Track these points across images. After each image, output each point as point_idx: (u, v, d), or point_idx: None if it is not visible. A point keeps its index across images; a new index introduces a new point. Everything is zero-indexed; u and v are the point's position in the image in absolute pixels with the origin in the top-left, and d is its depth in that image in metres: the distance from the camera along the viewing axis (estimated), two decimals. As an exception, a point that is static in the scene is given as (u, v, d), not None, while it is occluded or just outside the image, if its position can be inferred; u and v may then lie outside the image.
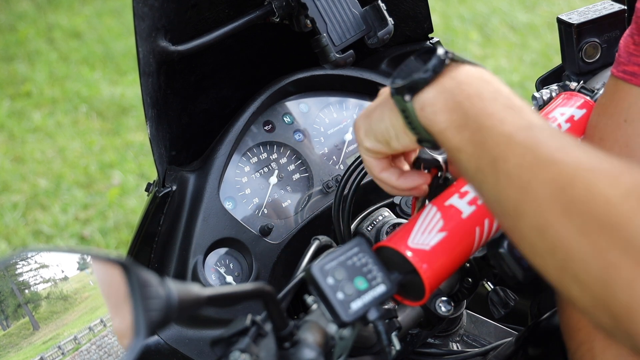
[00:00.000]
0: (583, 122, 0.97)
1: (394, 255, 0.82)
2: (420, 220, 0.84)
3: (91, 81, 3.97)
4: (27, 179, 3.26)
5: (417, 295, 0.82)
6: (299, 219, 1.27)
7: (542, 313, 1.03)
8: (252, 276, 1.20)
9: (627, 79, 0.85)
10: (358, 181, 1.12)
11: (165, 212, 1.20)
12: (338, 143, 1.34)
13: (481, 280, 0.96)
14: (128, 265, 0.62)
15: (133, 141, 3.48)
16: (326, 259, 0.77)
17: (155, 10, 1.06)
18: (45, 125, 3.63)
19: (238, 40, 1.22)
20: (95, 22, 4.60)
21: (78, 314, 0.81)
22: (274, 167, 1.29)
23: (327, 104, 1.36)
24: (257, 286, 0.72)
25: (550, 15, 4.32)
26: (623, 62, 0.86)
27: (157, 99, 1.14)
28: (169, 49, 1.09)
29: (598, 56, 1.17)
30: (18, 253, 1.08)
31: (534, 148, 0.66)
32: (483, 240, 0.86)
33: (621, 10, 1.18)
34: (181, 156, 1.26)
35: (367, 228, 1.17)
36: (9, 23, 4.58)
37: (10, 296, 0.82)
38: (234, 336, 0.74)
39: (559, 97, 1.02)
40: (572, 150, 0.65)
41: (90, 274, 0.81)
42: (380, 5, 1.15)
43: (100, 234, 2.93)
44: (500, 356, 1.05)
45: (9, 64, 4.17)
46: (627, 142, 0.84)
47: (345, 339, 0.78)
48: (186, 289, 0.64)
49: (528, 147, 0.66)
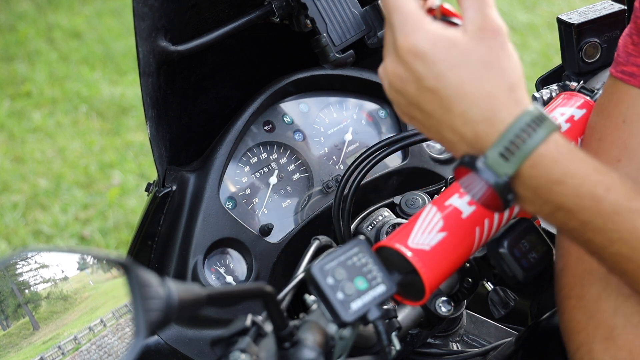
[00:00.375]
0: (583, 122, 0.96)
1: (394, 255, 0.82)
2: (420, 220, 0.84)
3: (91, 81, 3.97)
4: (27, 179, 3.26)
5: (417, 295, 0.82)
6: (299, 219, 1.27)
7: (542, 313, 1.03)
8: (252, 276, 1.20)
9: (626, 80, 0.85)
10: (358, 181, 1.12)
11: (165, 212, 1.20)
12: (338, 143, 1.34)
13: (481, 280, 0.96)
14: (128, 265, 0.62)
15: (133, 141, 3.48)
16: (326, 259, 0.77)
17: (155, 10, 1.06)
18: (45, 125, 3.63)
19: (238, 40, 1.22)
20: (95, 22, 4.60)
21: (78, 314, 0.81)
22: (274, 167, 1.29)
23: (327, 104, 1.36)
24: (257, 286, 0.72)
25: (550, 15, 4.32)
26: (622, 62, 0.86)
27: (157, 99, 1.14)
28: (169, 49, 1.09)
29: (598, 56, 1.17)
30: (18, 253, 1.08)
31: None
32: (483, 240, 0.86)
33: (621, 10, 1.18)
34: (181, 156, 1.26)
35: (367, 228, 1.17)
36: (9, 23, 4.58)
37: (10, 296, 0.82)
38: (234, 336, 0.74)
39: (559, 97, 1.02)
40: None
41: (90, 274, 0.81)
42: (381, 5, 1.15)
43: (100, 234, 2.93)
44: (500, 356, 1.05)
45: (9, 64, 4.17)
46: (626, 144, 0.84)
47: (345, 339, 0.78)
48: (186, 289, 0.64)
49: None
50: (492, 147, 0.70)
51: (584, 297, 0.82)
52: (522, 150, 0.69)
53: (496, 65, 0.71)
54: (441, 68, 0.70)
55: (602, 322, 0.79)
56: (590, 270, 0.81)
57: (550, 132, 0.70)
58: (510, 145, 0.69)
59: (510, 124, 0.69)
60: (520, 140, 0.69)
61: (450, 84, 0.70)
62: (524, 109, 0.70)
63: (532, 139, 0.69)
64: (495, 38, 0.71)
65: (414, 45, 0.71)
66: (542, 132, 0.69)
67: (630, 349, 0.77)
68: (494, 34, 0.72)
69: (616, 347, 0.78)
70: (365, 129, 1.36)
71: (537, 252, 0.84)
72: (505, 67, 0.71)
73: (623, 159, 0.84)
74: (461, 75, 0.70)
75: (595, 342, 0.79)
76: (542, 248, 0.85)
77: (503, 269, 0.84)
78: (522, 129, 0.69)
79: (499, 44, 0.72)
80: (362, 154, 1.15)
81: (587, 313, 0.81)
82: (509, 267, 0.83)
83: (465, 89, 0.70)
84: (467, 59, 0.70)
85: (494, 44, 0.71)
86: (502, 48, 0.72)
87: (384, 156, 1.15)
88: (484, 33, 0.71)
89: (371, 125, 1.37)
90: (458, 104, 0.70)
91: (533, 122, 0.70)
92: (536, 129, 0.69)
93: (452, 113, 0.71)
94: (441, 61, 0.70)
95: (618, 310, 0.79)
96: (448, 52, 0.70)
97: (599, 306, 0.80)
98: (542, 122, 0.70)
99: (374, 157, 1.14)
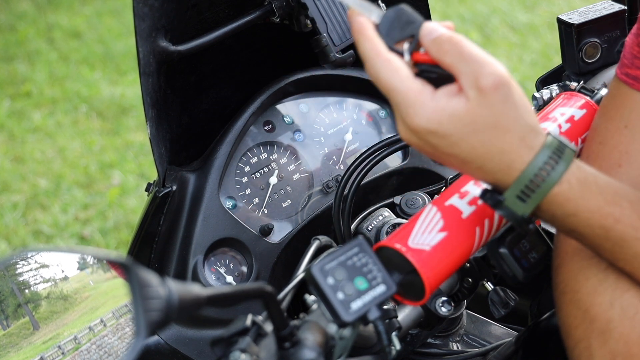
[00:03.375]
0: (583, 122, 0.96)
1: (394, 255, 0.82)
2: (421, 220, 0.84)
3: (91, 81, 3.97)
4: (27, 179, 3.26)
5: (417, 295, 0.82)
6: (299, 219, 1.27)
7: (542, 313, 1.03)
8: (252, 276, 1.20)
9: (630, 84, 0.84)
10: (358, 181, 1.12)
11: (165, 212, 1.20)
12: (338, 143, 1.34)
13: (481, 280, 0.96)
14: (128, 265, 0.62)
15: (133, 141, 3.48)
16: (326, 259, 0.77)
17: (156, 10, 1.06)
18: (45, 125, 3.63)
19: (238, 40, 1.22)
20: (95, 22, 4.60)
21: (78, 314, 0.81)
22: (274, 167, 1.29)
23: (327, 104, 1.36)
24: (257, 286, 0.73)
25: (550, 15, 4.32)
26: (627, 64, 0.85)
27: (157, 99, 1.14)
28: (169, 49, 1.10)
29: (598, 56, 1.17)
30: (18, 253, 1.08)
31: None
32: (483, 240, 0.86)
33: (621, 10, 1.18)
34: (181, 156, 1.26)
35: (367, 228, 1.17)
36: (9, 23, 4.58)
37: (10, 296, 0.82)
38: (234, 336, 0.74)
39: (559, 97, 1.02)
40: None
41: (90, 274, 0.81)
42: (381, 6, 1.15)
43: (100, 234, 2.93)
44: (500, 356, 1.05)
45: (9, 64, 4.17)
46: (627, 149, 0.84)
47: (345, 339, 0.78)
48: (186, 289, 0.64)
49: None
50: (510, 190, 0.74)
51: (579, 290, 0.82)
52: (537, 193, 0.73)
53: (504, 122, 0.72)
54: (452, 140, 0.73)
55: (598, 315, 0.79)
56: (586, 265, 0.82)
57: (562, 172, 0.73)
58: (525, 189, 0.74)
59: (524, 170, 0.73)
60: (535, 184, 0.73)
61: (464, 150, 0.74)
62: (536, 154, 0.73)
63: (546, 182, 0.73)
64: (496, 94, 0.71)
65: (422, 126, 0.73)
66: (555, 175, 0.73)
67: (626, 340, 0.77)
68: (493, 91, 0.71)
69: (613, 340, 0.78)
70: (365, 129, 1.36)
71: (537, 252, 0.84)
72: (513, 119, 0.72)
73: (624, 164, 0.84)
74: (472, 142, 0.73)
75: (593, 336, 0.79)
76: (542, 248, 0.85)
77: (503, 269, 0.84)
78: (536, 174, 0.73)
79: (502, 98, 0.72)
80: (362, 154, 1.15)
81: (583, 307, 0.81)
82: (509, 267, 0.83)
83: (478, 151, 0.73)
84: (475, 127, 0.72)
85: (496, 101, 0.71)
86: (506, 101, 0.72)
87: (384, 156, 1.15)
88: (484, 95, 0.71)
89: (371, 125, 1.37)
90: (474, 162, 0.74)
91: (546, 164, 0.73)
92: (550, 171, 0.73)
93: (470, 167, 0.75)
94: (451, 134, 0.73)
95: (614, 302, 0.79)
96: (455, 126, 0.72)
97: (594, 299, 0.80)
98: (556, 163, 0.73)
99: (374, 157, 1.14)
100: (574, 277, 0.83)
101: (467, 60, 0.71)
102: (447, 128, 0.72)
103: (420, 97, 0.72)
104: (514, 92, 0.72)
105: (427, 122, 0.72)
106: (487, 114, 0.71)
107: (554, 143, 0.73)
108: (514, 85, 0.72)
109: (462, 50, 0.71)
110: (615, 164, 0.84)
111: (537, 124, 0.74)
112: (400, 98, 0.73)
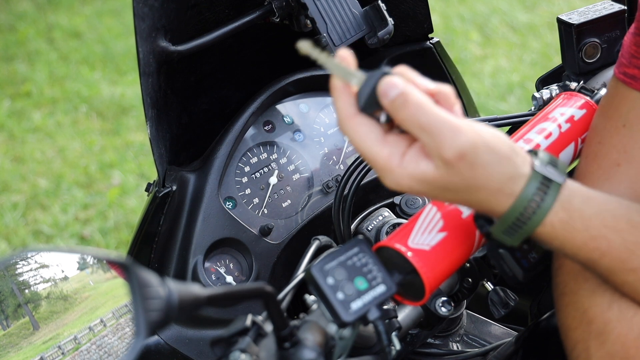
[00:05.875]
0: (583, 122, 0.96)
1: (394, 256, 0.82)
2: (421, 221, 0.84)
3: (91, 81, 3.97)
4: (27, 179, 3.26)
5: (417, 295, 0.82)
6: (299, 219, 1.27)
7: (542, 313, 1.03)
8: (252, 276, 1.20)
9: (628, 83, 0.84)
10: (358, 181, 1.12)
11: (165, 212, 1.21)
12: (338, 143, 1.34)
13: (481, 280, 0.96)
14: (128, 265, 0.62)
15: (133, 141, 3.48)
16: (326, 259, 0.77)
17: (155, 10, 1.06)
18: (45, 125, 3.63)
19: (238, 40, 1.22)
20: (95, 22, 4.60)
21: (78, 314, 0.81)
22: (274, 167, 1.29)
23: (327, 104, 1.36)
24: (257, 286, 0.73)
25: (550, 15, 4.32)
26: (624, 63, 0.85)
27: (157, 99, 1.14)
28: (169, 49, 1.10)
29: (598, 56, 1.17)
30: (18, 253, 1.08)
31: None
32: (483, 240, 0.86)
33: (621, 10, 1.18)
34: (181, 156, 1.26)
35: (367, 228, 1.17)
36: (9, 23, 4.58)
37: (10, 296, 0.82)
38: (234, 336, 0.74)
39: (559, 97, 1.02)
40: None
41: (90, 274, 0.81)
42: (380, 6, 1.15)
43: (100, 234, 2.93)
44: (500, 356, 1.05)
45: (9, 64, 4.17)
46: (625, 148, 0.84)
47: (345, 339, 0.78)
48: (186, 289, 0.64)
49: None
50: (496, 227, 0.76)
51: (578, 292, 0.82)
52: (523, 230, 0.74)
53: (475, 183, 0.72)
54: (430, 195, 0.75)
55: (596, 316, 0.79)
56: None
57: (545, 214, 0.73)
58: (509, 229, 0.75)
59: (505, 214, 0.74)
60: (520, 223, 0.74)
61: (444, 199, 0.79)
62: (516, 199, 0.73)
63: (530, 222, 0.73)
64: (462, 163, 0.70)
65: (397, 186, 0.74)
66: (537, 218, 0.73)
67: (623, 342, 0.77)
68: (458, 161, 0.70)
69: (610, 342, 0.78)
70: (365, 129, 1.36)
71: (537, 252, 0.84)
72: (485, 178, 0.72)
73: (623, 164, 0.83)
74: (449, 198, 0.75)
75: (591, 338, 0.80)
76: (542, 248, 0.85)
77: (503, 269, 0.84)
78: (518, 218, 0.73)
79: (469, 166, 0.71)
80: (362, 154, 1.15)
81: (582, 308, 0.81)
82: (509, 267, 0.83)
83: (457, 201, 0.76)
84: (446, 189, 0.73)
85: (463, 169, 0.71)
86: (474, 167, 0.71)
87: (384, 156, 1.15)
88: (450, 165, 0.71)
89: (371, 125, 1.37)
90: (458, 203, 0.77)
91: (527, 208, 0.73)
92: (531, 215, 0.73)
93: (457, 203, 0.79)
94: (427, 192, 0.74)
95: (612, 304, 0.79)
96: (427, 188, 0.73)
97: (593, 300, 0.80)
98: (541, 202, 0.73)
99: (374, 157, 1.14)
100: (574, 279, 0.83)
101: (426, 131, 0.70)
102: (419, 190, 0.73)
103: (388, 163, 0.73)
104: (480, 155, 0.70)
105: (398, 186, 0.74)
106: (456, 180, 0.72)
107: (536, 180, 0.72)
108: (479, 146, 0.70)
109: (420, 120, 0.70)
110: (614, 163, 0.84)
111: (515, 170, 0.72)
112: (370, 162, 0.74)
